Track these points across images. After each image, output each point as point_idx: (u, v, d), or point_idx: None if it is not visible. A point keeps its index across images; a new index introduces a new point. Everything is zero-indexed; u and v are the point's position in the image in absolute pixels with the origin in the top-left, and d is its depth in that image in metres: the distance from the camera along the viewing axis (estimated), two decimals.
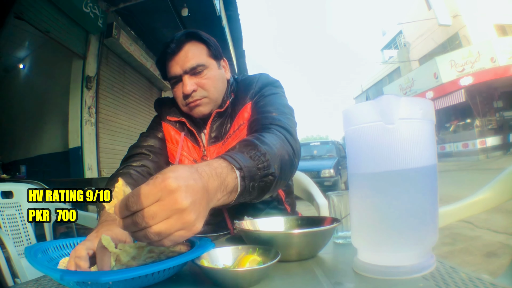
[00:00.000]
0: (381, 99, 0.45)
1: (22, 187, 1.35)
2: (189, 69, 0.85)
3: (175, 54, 0.86)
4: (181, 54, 0.86)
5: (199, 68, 0.86)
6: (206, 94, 0.87)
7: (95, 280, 0.41)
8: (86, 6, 4.35)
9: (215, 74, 0.89)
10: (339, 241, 0.69)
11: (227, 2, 6.98)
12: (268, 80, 0.94)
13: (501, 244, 2.50)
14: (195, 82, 0.86)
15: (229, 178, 0.51)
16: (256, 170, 0.56)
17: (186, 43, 0.87)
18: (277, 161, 0.62)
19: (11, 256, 1.10)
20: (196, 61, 0.86)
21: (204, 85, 0.87)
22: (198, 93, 0.87)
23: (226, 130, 0.90)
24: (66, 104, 4.68)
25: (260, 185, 0.57)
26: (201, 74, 0.86)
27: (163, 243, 0.41)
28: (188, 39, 0.87)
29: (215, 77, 0.89)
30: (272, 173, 0.59)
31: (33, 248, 0.53)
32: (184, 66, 0.85)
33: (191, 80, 0.86)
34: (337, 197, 0.71)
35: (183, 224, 0.40)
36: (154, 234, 0.39)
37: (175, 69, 0.87)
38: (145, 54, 6.43)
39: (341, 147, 8.43)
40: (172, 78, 0.88)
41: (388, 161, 0.44)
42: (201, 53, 0.88)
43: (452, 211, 0.96)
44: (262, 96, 0.88)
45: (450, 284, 0.41)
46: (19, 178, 4.01)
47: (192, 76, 0.86)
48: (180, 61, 0.86)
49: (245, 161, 0.55)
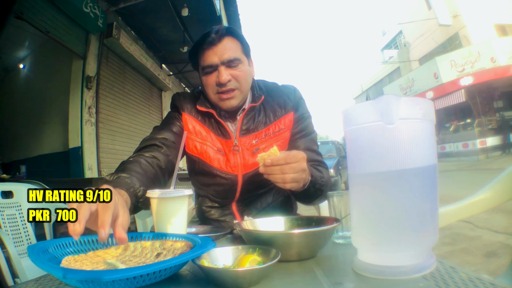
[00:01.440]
0: (381, 99, 0.45)
1: (22, 187, 1.35)
2: (227, 61, 0.92)
3: (214, 45, 0.92)
4: (220, 46, 0.92)
5: (235, 61, 0.93)
6: (239, 86, 0.94)
7: (97, 279, 0.41)
8: (86, 6, 4.35)
9: (247, 69, 0.97)
10: (339, 241, 0.69)
11: (227, 2, 6.99)
12: (301, 95, 1.07)
13: (501, 244, 2.50)
14: (230, 73, 0.93)
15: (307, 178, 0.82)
16: (316, 183, 0.87)
17: (225, 37, 0.93)
18: (325, 181, 0.92)
19: (11, 256, 1.10)
20: (234, 55, 0.93)
21: (238, 77, 0.94)
22: (232, 83, 0.93)
23: (256, 125, 0.99)
24: (66, 104, 4.69)
25: (314, 190, 0.88)
26: (237, 67, 0.94)
27: (285, 186, 0.74)
28: (228, 34, 0.94)
29: (246, 72, 0.96)
30: (322, 187, 0.90)
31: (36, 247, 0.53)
32: (222, 57, 0.92)
33: (227, 71, 0.92)
34: (337, 197, 0.72)
35: (300, 178, 0.75)
36: (290, 178, 0.73)
37: (212, 58, 0.92)
38: (145, 54, 6.43)
39: (341, 147, 8.42)
40: (207, 67, 0.94)
41: (388, 161, 0.44)
42: (237, 49, 0.95)
43: (452, 211, 0.96)
44: (303, 117, 1.04)
45: (450, 284, 0.41)
46: (19, 178, 4.01)
47: (227, 68, 0.93)
48: (218, 52, 0.92)
49: (316, 175, 0.88)
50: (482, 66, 12.77)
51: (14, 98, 5.83)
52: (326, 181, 0.91)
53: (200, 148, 0.99)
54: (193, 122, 1.01)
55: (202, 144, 0.99)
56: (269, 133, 0.99)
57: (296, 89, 1.07)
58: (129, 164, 0.84)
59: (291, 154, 0.73)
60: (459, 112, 14.37)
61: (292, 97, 1.03)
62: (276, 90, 1.06)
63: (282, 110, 1.01)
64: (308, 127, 1.04)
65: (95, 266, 0.52)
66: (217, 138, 0.99)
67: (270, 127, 1.00)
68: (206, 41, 0.92)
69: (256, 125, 0.99)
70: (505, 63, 12.41)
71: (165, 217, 0.68)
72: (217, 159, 0.97)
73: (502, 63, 12.45)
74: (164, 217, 0.68)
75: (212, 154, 0.98)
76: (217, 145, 0.98)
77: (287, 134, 1.01)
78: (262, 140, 0.98)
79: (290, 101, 1.02)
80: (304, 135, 1.02)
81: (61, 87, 4.85)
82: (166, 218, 0.68)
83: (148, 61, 6.54)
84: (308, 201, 0.97)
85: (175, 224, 0.68)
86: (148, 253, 0.58)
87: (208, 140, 0.99)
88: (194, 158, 1.00)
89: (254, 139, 0.98)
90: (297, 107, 1.03)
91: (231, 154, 0.97)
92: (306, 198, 0.94)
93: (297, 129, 1.02)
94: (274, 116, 1.00)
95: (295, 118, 1.02)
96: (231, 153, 0.97)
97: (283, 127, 1.00)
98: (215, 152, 0.98)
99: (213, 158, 0.98)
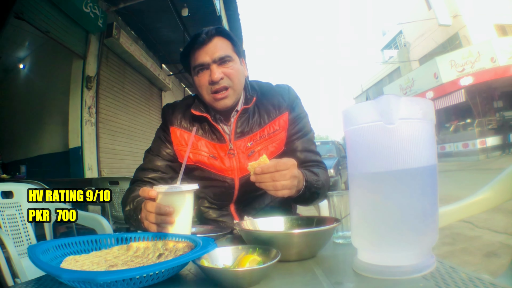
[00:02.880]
0: (381, 99, 0.45)
1: (22, 187, 1.35)
2: (218, 59, 0.93)
3: (204, 44, 0.93)
4: (211, 45, 0.93)
5: (226, 58, 0.94)
6: (231, 84, 0.94)
7: (92, 279, 0.41)
8: (86, 6, 4.35)
9: (239, 67, 0.97)
10: (339, 241, 0.69)
11: (227, 2, 6.99)
12: (296, 94, 1.06)
13: (501, 244, 2.50)
14: (222, 71, 0.93)
15: (301, 183, 0.83)
16: (311, 187, 0.88)
17: (215, 37, 0.94)
18: (321, 185, 0.92)
19: (11, 256, 1.10)
20: (225, 53, 0.94)
21: (230, 74, 0.94)
22: (225, 81, 0.93)
23: (251, 127, 0.99)
24: (66, 104, 4.69)
25: (310, 194, 0.88)
26: (228, 64, 0.94)
27: (277, 193, 0.74)
28: (217, 34, 0.95)
29: (238, 70, 0.96)
30: (318, 190, 0.91)
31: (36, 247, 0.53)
32: (214, 56, 0.93)
33: (219, 69, 0.93)
34: (337, 197, 0.72)
35: (292, 185, 0.75)
36: (280, 185, 0.73)
37: (203, 57, 0.93)
38: (145, 54, 6.43)
39: (341, 147, 8.42)
40: (199, 66, 0.94)
41: (388, 161, 0.44)
42: (227, 47, 0.96)
43: (452, 211, 0.96)
44: (299, 117, 1.03)
45: (450, 284, 0.41)
46: (19, 178, 4.01)
47: (219, 65, 0.93)
48: (209, 51, 0.93)
49: (311, 179, 0.88)
50: (482, 66, 12.77)
51: (14, 98, 5.82)
52: (322, 184, 0.92)
53: (193, 157, 0.99)
54: (182, 133, 1.01)
55: (195, 154, 0.98)
56: (264, 134, 0.98)
57: (290, 88, 1.06)
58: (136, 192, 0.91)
59: (281, 161, 0.73)
60: (459, 112, 14.36)
61: (287, 97, 1.03)
62: (270, 90, 1.05)
63: (277, 110, 1.00)
64: (305, 127, 1.04)
65: (96, 266, 0.52)
66: (210, 143, 0.98)
67: (265, 129, 0.99)
68: (196, 41, 0.93)
69: (251, 127, 0.98)
70: (505, 63, 12.40)
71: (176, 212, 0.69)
72: (212, 164, 0.97)
73: (502, 63, 12.44)
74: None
75: (207, 161, 0.98)
76: (209, 151, 0.98)
77: (282, 135, 1.00)
78: (257, 142, 0.98)
79: (284, 101, 1.02)
80: (301, 136, 1.02)
81: (61, 87, 4.85)
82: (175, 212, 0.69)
83: (148, 61, 6.54)
84: (306, 204, 0.98)
85: (182, 218, 0.69)
86: (150, 253, 0.58)
87: (200, 148, 0.98)
88: (190, 167, 1.00)
89: (249, 142, 0.97)
90: (293, 107, 1.03)
91: (226, 158, 0.97)
92: (303, 202, 0.96)
93: (294, 130, 1.01)
94: (269, 117, 1.00)
95: (290, 118, 1.01)
96: (226, 157, 0.96)
97: (277, 128, 1.00)
98: (208, 158, 0.98)
99: (208, 164, 0.98)
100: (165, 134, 1.03)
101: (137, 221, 0.82)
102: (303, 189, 0.84)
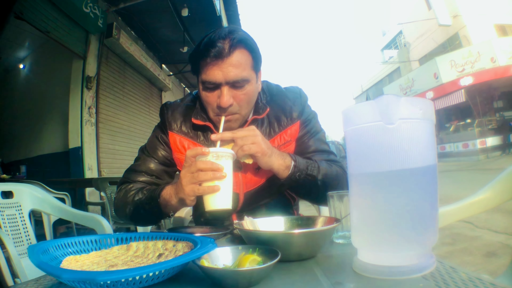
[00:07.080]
0: (381, 99, 0.45)
1: (22, 187, 1.35)
2: (232, 81, 0.80)
3: (220, 59, 0.78)
4: (227, 61, 0.78)
5: (243, 82, 0.81)
6: (239, 111, 0.85)
7: (92, 279, 0.41)
8: (86, 6, 4.35)
9: (253, 89, 0.85)
10: (339, 241, 0.69)
11: (227, 2, 6.99)
12: (306, 97, 1.00)
13: (501, 244, 2.50)
14: (233, 95, 0.82)
15: (287, 159, 0.81)
16: (305, 167, 0.82)
17: (235, 50, 0.79)
18: (322, 174, 0.84)
19: (11, 256, 1.10)
20: (242, 74, 0.80)
21: (241, 100, 0.83)
22: (234, 108, 0.83)
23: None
24: (66, 104, 4.68)
25: (303, 178, 0.81)
26: (242, 88, 0.82)
27: (243, 149, 0.75)
28: (239, 45, 0.80)
29: (252, 92, 0.85)
30: (314, 176, 0.83)
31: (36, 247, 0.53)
32: (228, 77, 0.79)
33: (230, 93, 0.81)
34: (337, 197, 0.71)
35: (258, 147, 0.76)
36: (252, 145, 0.75)
37: (216, 75, 0.79)
38: (145, 54, 6.43)
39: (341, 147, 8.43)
40: (209, 83, 0.81)
41: (388, 161, 0.44)
42: (246, 65, 0.82)
43: (452, 211, 0.96)
44: (308, 120, 0.96)
45: (450, 284, 0.41)
46: (19, 178, 4.01)
47: (231, 88, 0.81)
48: (225, 69, 0.78)
49: (300, 160, 0.83)
50: (482, 66, 12.77)
51: (14, 98, 5.82)
52: (324, 174, 0.83)
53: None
54: (182, 140, 0.93)
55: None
56: (273, 147, 0.86)
57: (301, 91, 0.99)
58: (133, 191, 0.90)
59: (243, 129, 0.78)
60: (459, 112, 14.37)
61: (298, 103, 0.95)
62: (280, 95, 0.96)
63: (288, 119, 0.92)
64: (315, 127, 0.97)
65: (96, 266, 0.52)
66: None
67: (275, 139, 0.91)
68: (212, 50, 0.77)
69: None
70: (505, 63, 12.40)
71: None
72: None
73: (502, 63, 12.44)
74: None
75: None
76: None
77: (292, 146, 0.94)
78: None
79: (297, 108, 0.94)
80: (311, 136, 0.96)
81: (61, 87, 4.84)
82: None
83: (148, 61, 6.54)
84: (308, 196, 0.92)
85: (227, 183, 0.73)
86: (150, 253, 0.58)
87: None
88: None
89: None
90: (303, 112, 0.96)
91: None
92: (302, 190, 0.88)
93: (303, 132, 0.95)
94: (279, 125, 0.92)
95: (300, 123, 0.95)
96: None
97: (288, 139, 0.92)
98: None
99: None
100: (163, 135, 0.97)
101: (153, 203, 0.83)
102: (292, 169, 0.80)
